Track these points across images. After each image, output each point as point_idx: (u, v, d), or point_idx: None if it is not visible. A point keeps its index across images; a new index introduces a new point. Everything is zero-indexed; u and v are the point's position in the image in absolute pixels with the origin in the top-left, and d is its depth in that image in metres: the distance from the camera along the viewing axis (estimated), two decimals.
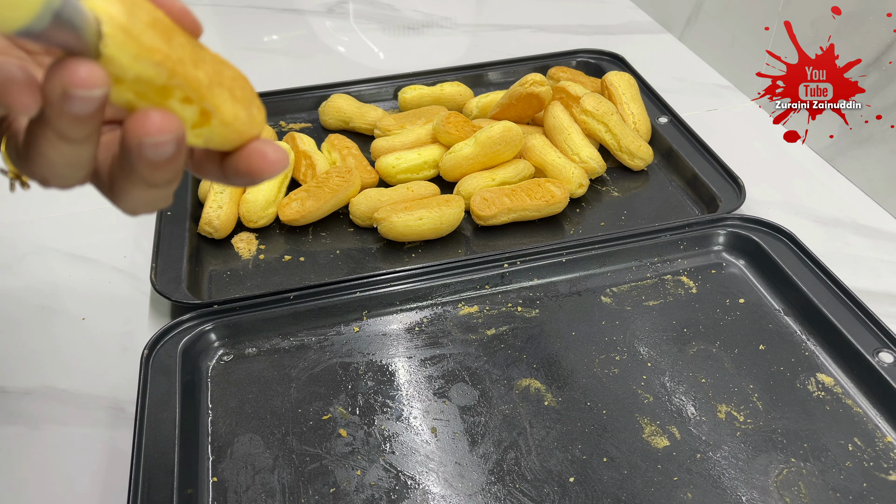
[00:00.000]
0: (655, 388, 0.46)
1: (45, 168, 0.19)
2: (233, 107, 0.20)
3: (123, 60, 0.16)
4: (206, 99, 0.19)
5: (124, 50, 0.16)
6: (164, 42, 0.17)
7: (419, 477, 0.41)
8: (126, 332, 0.50)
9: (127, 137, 0.17)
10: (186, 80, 0.18)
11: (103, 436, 0.44)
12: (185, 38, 0.18)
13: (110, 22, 0.16)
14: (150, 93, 0.17)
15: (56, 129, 0.17)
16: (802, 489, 0.40)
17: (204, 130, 0.19)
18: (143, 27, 0.17)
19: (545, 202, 0.57)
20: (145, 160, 0.18)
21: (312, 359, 0.48)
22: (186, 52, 0.18)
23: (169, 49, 0.17)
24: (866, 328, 0.47)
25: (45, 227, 0.60)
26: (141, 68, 0.17)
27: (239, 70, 0.20)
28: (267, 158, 0.21)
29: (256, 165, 0.21)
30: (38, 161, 0.18)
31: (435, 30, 0.91)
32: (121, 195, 0.20)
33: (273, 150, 0.21)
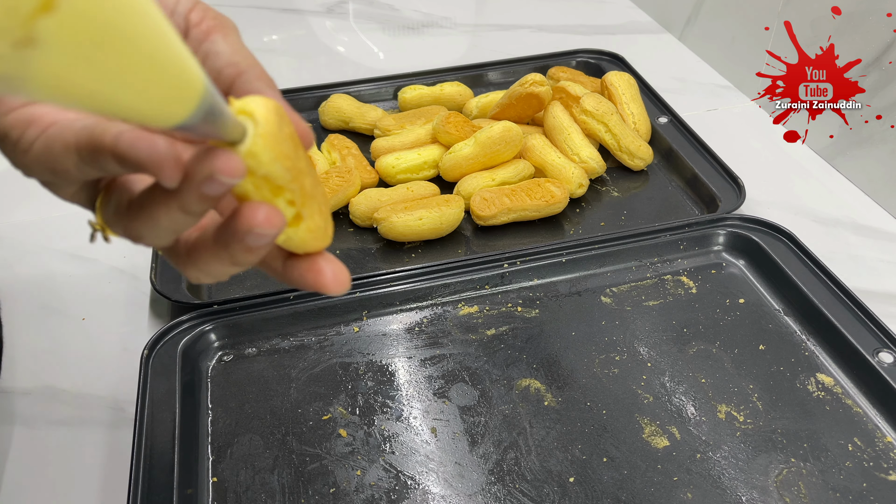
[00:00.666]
0: (655, 388, 0.46)
1: (149, 229, 0.21)
2: (318, 218, 0.22)
3: (263, 159, 0.19)
4: (304, 206, 0.21)
5: (267, 151, 0.19)
6: (293, 151, 0.20)
7: (419, 477, 0.41)
8: (126, 332, 0.50)
9: (239, 221, 0.19)
10: (298, 187, 0.21)
11: (103, 436, 0.44)
12: (303, 151, 0.22)
13: (265, 125, 0.19)
14: (266, 189, 0.20)
15: (182, 201, 0.19)
16: (802, 489, 0.40)
17: (290, 231, 0.22)
18: (285, 137, 0.20)
19: (545, 202, 0.57)
20: (245, 244, 0.20)
21: (312, 359, 0.48)
22: (303, 164, 0.21)
23: (295, 159, 0.20)
24: (866, 328, 0.47)
25: (45, 227, 0.60)
26: (273, 169, 0.20)
27: (325, 189, 0.23)
28: (325, 275, 0.23)
29: (313, 279, 0.23)
30: (147, 222, 0.20)
31: (435, 30, 0.91)
32: (197, 264, 0.22)
33: (333, 270, 0.23)
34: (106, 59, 0.13)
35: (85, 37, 0.12)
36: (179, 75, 0.15)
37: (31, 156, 0.21)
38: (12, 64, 0.11)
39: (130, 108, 0.14)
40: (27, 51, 0.11)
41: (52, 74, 0.12)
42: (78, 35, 0.12)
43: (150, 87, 0.14)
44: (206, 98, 0.16)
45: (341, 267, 0.24)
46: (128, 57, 0.13)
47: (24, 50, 0.11)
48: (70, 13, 0.11)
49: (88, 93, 0.13)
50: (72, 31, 0.12)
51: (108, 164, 0.19)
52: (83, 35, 0.12)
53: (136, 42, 0.13)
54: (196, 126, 0.16)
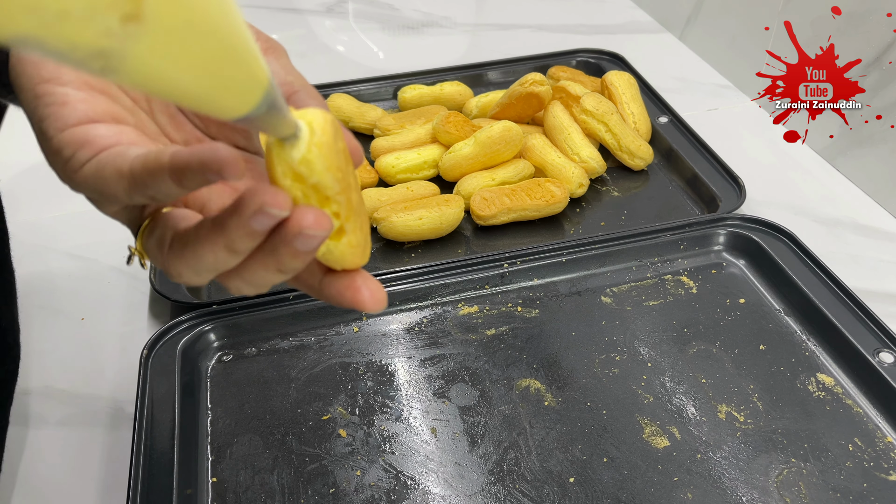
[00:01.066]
0: (655, 388, 0.46)
1: (191, 268, 0.21)
2: (360, 234, 0.23)
3: (317, 167, 0.20)
4: (348, 220, 0.22)
5: (320, 160, 0.20)
6: (344, 165, 0.21)
7: (419, 477, 0.41)
8: (125, 333, 0.50)
9: (289, 224, 0.19)
10: (345, 200, 0.21)
11: (102, 436, 0.44)
12: (352, 167, 0.22)
13: (321, 135, 0.20)
14: (314, 198, 0.21)
15: (229, 238, 0.19)
16: (803, 489, 0.40)
17: (331, 244, 0.22)
18: (338, 149, 0.20)
19: (545, 202, 0.57)
20: (293, 248, 0.20)
21: (312, 359, 0.48)
22: (351, 179, 0.22)
23: (345, 172, 0.21)
24: (866, 328, 0.47)
25: (45, 227, 0.60)
26: (324, 178, 0.20)
27: (366, 209, 0.24)
28: (363, 293, 0.23)
29: (351, 296, 0.23)
30: (190, 260, 0.21)
31: (435, 29, 0.91)
32: (242, 274, 0.22)
33: (370, 289, 0.23)
34: (196, 42, 0.13)
35: (182, 17, 0.12)
36: (252, 66, 0.16)
37: (80, 175, 0.21)
38: (116, 38, 0.11)
39: (207, 94, 0.15)
40: (131, 26, 0.11)
41: (148, 54, 0.12)
42: (177, 14, 0.12)
43: (227, 75, 0.15)
44: (270, 91, 0.17)
45: (378, 286, 0.24)
46: (214, 43, 0.14)
47: (129, 25, 0.11)
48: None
49: (175, 75, 0.14)
50: (172, 10, 0.12)
51: (165, 185, 0.19)
52: (181, 15, 0.12)
53: (222, 29, 0.14)
54: (258, 118, 0.17)
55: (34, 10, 0.10)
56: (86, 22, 0.11)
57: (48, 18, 0.10)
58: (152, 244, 0.22)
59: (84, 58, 0.12)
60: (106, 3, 0.11)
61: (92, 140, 0.21)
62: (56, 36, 0.11)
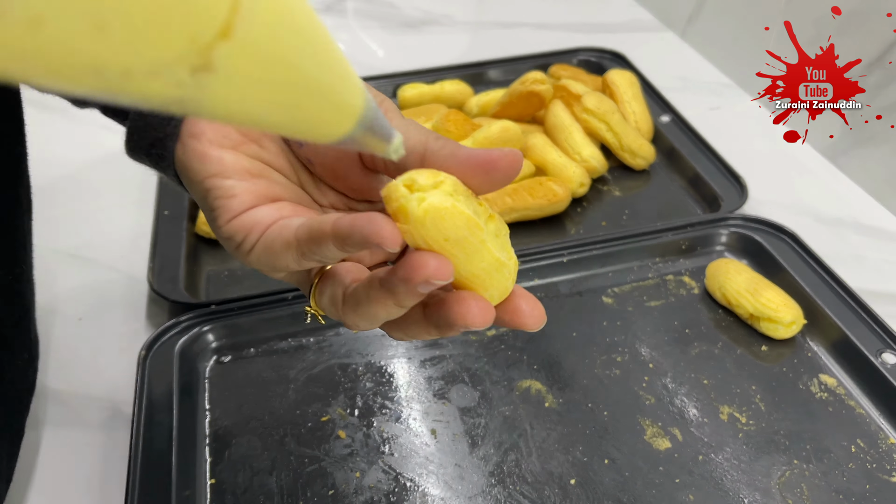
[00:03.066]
0: (657, 389, 0.45)
1: (366, 319, 0.23)
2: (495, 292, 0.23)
3: (429, 236, 0.20)
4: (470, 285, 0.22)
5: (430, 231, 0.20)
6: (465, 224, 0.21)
7: (419, 479, 0.41)
8: (123, 333, 0.50)
9: (413, 274, 0.20)
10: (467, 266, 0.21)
11: (100, 437, 0.44)
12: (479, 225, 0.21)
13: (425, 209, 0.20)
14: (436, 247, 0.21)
15: (399, 300, 0.21)
16: (805, 491, 0.40)
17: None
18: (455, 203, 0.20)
19: (547, 201, 0.57)
20: (416, 293, 0.21)
21: (311, 360, 0.48)
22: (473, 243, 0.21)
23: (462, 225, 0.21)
24: (869, 329, 0.46)
25: (42, 227, 0.59)
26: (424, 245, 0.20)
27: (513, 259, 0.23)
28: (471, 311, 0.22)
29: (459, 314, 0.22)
30: (364, 315, 0.23)
31: (435, 27, 0.90)
32: (358, 311, 0.23)
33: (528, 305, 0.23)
34: (276, 81, 0.13)
35: (258, 60, 0.12)
36: (343, 93, 0.16)
37: (253, 255, 0.24)
38: (189, 88, 0.11)
39: (295, 126, 0.15)
40: (203, 75, 0.11)
41: (225, 97, 0.12)
42: (252, 59, 0.12)
43: (315, 106, 0.15)
44: (366, 113, 0.17)
45: (487, 304, 0.23)
46: (296, 79, 0.14)
47: (201, 75, 0.11)
48: (245, 40, 0.12)
49: (257, 113, 0.14)
50: (246, 57, 0.12)
51: (329, 250, 0.21)
52: (257, 59, 0.12)
53: (305, 65, 0.14)
54: (356, 139, 0.17)
55: (97, 71, 0.10)
56: (152, 78, 0.11)
57: (113, 78, 0.10)
58: (325, 302, 0.25)
59: (160, 105, 0.12)
60: (171, 60, 0.11)
61: (257, 223, 0.24)
62: (125, 92, 0.11)
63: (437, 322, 0.22)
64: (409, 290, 0.20)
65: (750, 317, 0.48)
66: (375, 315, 0.22)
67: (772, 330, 0.47)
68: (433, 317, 0.22)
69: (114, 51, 0.10)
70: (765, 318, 0.47)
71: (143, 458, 0.40)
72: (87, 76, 0.10)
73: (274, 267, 0.24)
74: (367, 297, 0.22)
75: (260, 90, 0.13)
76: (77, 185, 0.63)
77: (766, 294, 0.48)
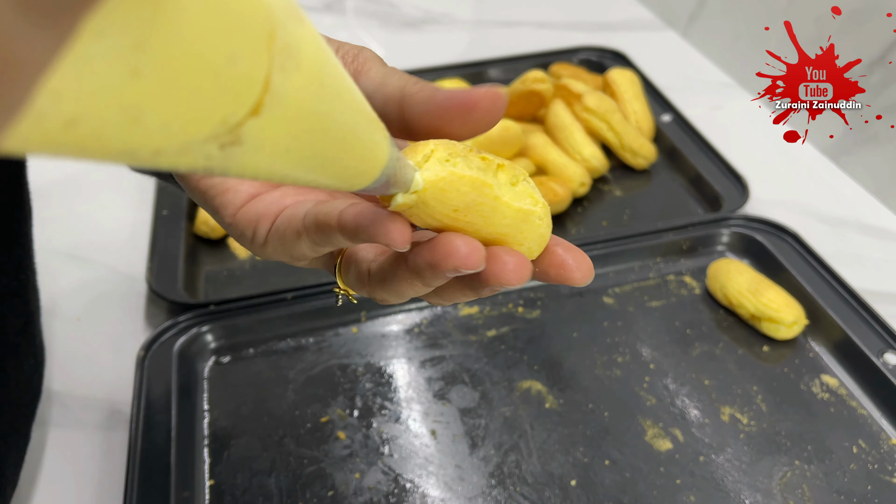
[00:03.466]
0: (658, 389, 0.45)
1: (394, 295, 0.22)
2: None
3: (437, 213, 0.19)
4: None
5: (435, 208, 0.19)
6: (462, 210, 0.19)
7: (418, 480, 0.40)
8: (121, 333, 0.50)
9: (443, 261, 0.19)
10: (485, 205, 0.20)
11: (98, 437, 0.43)
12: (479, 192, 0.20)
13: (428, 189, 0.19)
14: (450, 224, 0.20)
15: (425, 280, 0.20)
16: (806, 492, 0.39)
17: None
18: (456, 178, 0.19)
19: (548, 201, 0.56)
20: (443, 277, 0.20)
21: (310, 360, 0.47)
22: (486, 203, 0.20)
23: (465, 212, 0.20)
24: (871, 329, 0.46)
25: (41, 227, 0.59)
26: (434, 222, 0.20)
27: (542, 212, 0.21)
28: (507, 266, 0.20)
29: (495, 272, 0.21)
30: (392, 291, 0.22)
31: (434, 26, 0.90)
32: (388, 288, 0.22)
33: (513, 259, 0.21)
34: (303, 147, 0.13)
35: (286, 131, 0.13)
36: (368, 149, 0.16)
37: (269, 248, 0.23)
38: (217, 160, 0.12)
39: (322, 181, 0.15)
40: (231, 149, 0.12)
41: (253, 164, 0.13)
42: (280, 130, 0.13)
43: (341, 165, 0.15)
44: (390, 164, 0.17)
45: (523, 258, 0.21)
46: (323, 142, 0.14)
47: (229, 148, 0.12)
48: (274, 114, 0.12)
49: (284, 173, 0.14)
50: (274, 129, 0.12)
51: (339, 241, 0.21)
52: (285, 130, 0.13)
53: (332, 128, 0.14)
54: (380, 187, 0.17)
55: (128, 154, 0.10)
56: (182, 155, 0.11)
57: (143, 157, 0.10)
58: (351, 280, 0.24)
59: (190, 170, 0.12)
60: (202, 140, 0.11)
61: (263, 213, 0.23)
62: (157, 164, 0.11)
63: (472, 283, 0.21)
64: (436, 275, 0.20)
65: (751, 317, 0.48)
66: (403, 292, 0.22)
67: (773, 330, 0.47)
68: (466, 278, 0.21)
69: (147, 138, 0.10)
70: (766, 319, 0.47)
71: (142, 459, 0.40)
72: (118, 157, 0.10)
73: (292, 256, 0.23)
74: (393, 275, 0.21)
75: (287, 155, 0.13)
76: (76, 185, 0.63)
77: (767, 294, 0.47)
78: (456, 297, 0.23)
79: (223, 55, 0.10)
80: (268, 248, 0.23)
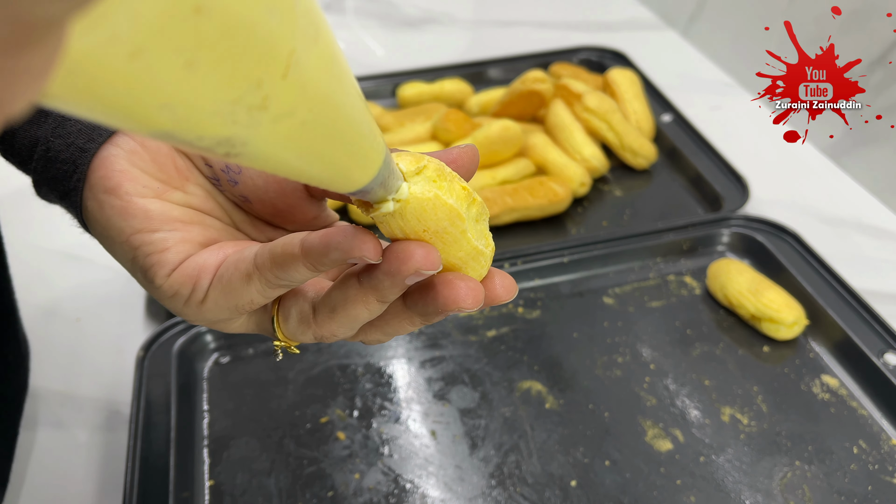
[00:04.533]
0: (658, 390, 0.45)
1: (344, 325, 0.22)
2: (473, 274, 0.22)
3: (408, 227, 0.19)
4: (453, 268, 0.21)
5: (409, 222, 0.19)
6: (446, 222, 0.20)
7: (418, 480, 0.40)
8: (121, 333, 0.50)
9: (399, 269, 0.19)
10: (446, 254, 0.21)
11: (98, 438, 0.43)
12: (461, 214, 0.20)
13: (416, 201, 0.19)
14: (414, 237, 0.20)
15: (382, 294, 0.20)
16: (807, 492, 0.39)
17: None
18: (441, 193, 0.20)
19: (548, 201, 0.56)
20: (402, 284, 0.20)
21: (310, 360, 0.47)
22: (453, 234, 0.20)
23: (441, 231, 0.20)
24: (871, 329, 0.46)
25: (39, 227, 0.59)
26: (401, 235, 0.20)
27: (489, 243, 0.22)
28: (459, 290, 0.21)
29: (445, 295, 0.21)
30: (342, 319, 0.21)
31: (434, 26, 0.90)
32: (342, 315, 0.22)
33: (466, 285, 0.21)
34: (318, 122, 0.13)
35: (305, 101, 0.13)
36: (369, 141, 0.16)
37: (209, 303, 0.22)
38: (241, 126, 0.12)
39: (324, 172, 0.15)
40: (257, 114, 0.12)
41: (271, 138, 0.13)
42: (300, 99, 0.13)
43: (348, 152, 0.15)
44: (386, 164, 0.17)
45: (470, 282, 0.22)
46: (336, 122, 0.14)
47: (255, 113, 0.12)
48: (297, 81, 0.12)
49: (296, 156, 0.14)
50: (295, 99, 0.12)
51: (299, 272, 0.20)
52: (304, 99, 0.13)
53: (345, 108, 0.14)
54: (371, 190, 0.17)
55: (167, 106, 0.10)
56: (212, 117, 0.11)
57: (177, 114, 0.11)
58: (293, 325, 0.23)
59: (210, 146, 0.12)
60: (237, 98, 0.11)
61: (203, 267, 0.22)
62: (186, 129, 0.11)
63: (423, 310, 0.21)
64: (395, 283, 0.19)
65: (752, 317, 0.48)
66: (356, 316, 0.21)
67: (773, 330, 0.47)
68: (417, 304, 0.21)
69: (193, 88, 0.10)
70: (766, 319, 0.47)
71: (142, 460, 0.40)
72: (154, 109, 0.10)
73: (235, 308, 0.22)
74: (344, 299, 0.21)
75: (302, 132, 0.13)
76: None
77: (767, 294, 0.47)
78: (402, 326, 0.22)
79: (263, 6, 0.11)
80: (207, 304, 0.22)
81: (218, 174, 0.24)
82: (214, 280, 0.22)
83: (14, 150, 0.24)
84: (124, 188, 0.22)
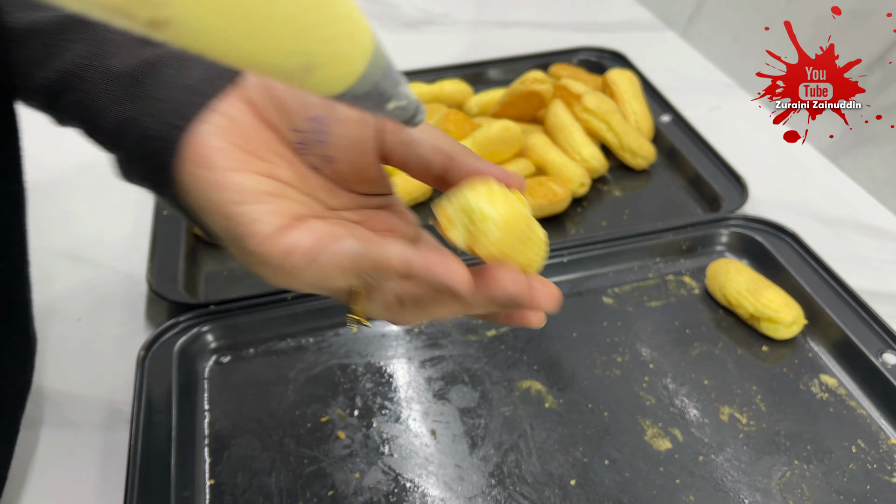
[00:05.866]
0: (658, 389, 0.45)
1: (423, 318, 0.25)
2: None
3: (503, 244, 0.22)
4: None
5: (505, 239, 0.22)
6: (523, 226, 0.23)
7: (418, 480, 0.41)
8: (122, 333, 0.50)
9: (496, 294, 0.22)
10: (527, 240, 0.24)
11: (99, 438, 0.44)
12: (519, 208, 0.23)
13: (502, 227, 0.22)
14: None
15: (469, 308, 0.23)
16: (806, 492, 0.40)
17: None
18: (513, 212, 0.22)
19: (547, 201, 0.57)
20: (492, 306, 0.23)
21: (310, 360, 0.47)
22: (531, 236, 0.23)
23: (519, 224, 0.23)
24: (870, 329, 0.46)
25: (41, 227, 0.59)
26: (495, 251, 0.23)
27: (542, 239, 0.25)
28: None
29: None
30: (424, 314, 0.24)
31: (434, 27, 0.90)
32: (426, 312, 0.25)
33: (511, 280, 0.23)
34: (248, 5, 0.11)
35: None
36: (345, 26, 0.13)
37: (296, 278, 0.24)
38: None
39: (283, 62, 0.12)
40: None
41: (195, 17, 0.11)
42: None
43: (302, 28, 0.12)
44: (375, 59, 0.14)
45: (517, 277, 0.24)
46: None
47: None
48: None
49: (234, 33, 0.11)
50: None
51: (392, 279, 0.23)
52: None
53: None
54: (365, 96, 0.14)
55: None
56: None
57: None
58: (377, 307, 0.25)
59: (132, 10, 0.10)
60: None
61: (294, 245, 0.24)
62: None
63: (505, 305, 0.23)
64: (487, 303, 0.22)
65: (750, 317, 0.48)
66: (439, 315, 0.24)
67: (772, 330, 0.47)
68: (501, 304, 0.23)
69: None
70: (765, 319, 0.47)
71: (143, 459, 0.40)
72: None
73: (322, 287, 0.25)
74: (434, 301, 0.23)
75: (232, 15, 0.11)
76: (76, 184, 0.63)
77: (766, 294, 0.48)
78: (480, 315, 0.25)
79: None
80: (294, 278, 0.24)
81: (306, 137, 0.25)
82: (307, 261, 0.23)
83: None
84: (217, 163, 0.24)
